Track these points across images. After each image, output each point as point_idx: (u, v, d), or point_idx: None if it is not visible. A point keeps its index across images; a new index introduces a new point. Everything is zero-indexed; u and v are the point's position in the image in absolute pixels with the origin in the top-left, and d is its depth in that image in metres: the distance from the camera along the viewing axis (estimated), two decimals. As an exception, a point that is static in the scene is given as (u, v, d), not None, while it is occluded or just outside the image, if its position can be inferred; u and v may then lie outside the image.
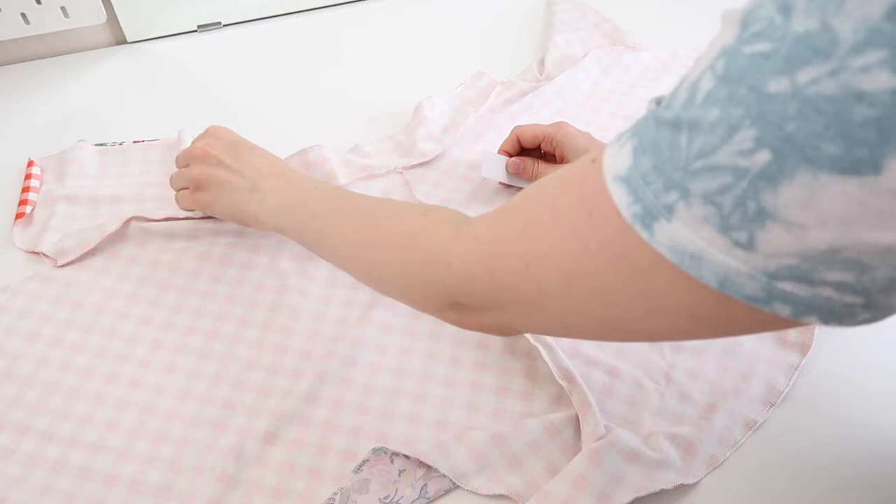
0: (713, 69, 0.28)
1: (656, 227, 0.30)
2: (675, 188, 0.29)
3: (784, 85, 0.25)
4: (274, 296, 0.61)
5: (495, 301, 0.40)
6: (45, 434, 0.53)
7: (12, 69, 0.83)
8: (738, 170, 0.27)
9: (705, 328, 0.33)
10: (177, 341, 0.58)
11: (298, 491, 0.50)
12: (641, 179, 0.30)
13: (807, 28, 0.25)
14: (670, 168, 0.29)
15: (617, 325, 0.36)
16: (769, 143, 0.26)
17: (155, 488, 0.50)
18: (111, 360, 0.57)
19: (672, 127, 0.30)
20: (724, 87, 0.28)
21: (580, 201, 0.34)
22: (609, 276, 0.33)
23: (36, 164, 0.71)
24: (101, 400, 0.55)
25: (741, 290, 0.29)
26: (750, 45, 0.27)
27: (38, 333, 0.58)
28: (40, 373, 0.56)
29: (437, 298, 0.44)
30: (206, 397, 0.55)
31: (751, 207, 0.27)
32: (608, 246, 0.33)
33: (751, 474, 0.51)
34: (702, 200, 0.28)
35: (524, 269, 0.37)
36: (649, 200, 0.30)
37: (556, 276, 0.35)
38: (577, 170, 0.36)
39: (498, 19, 0.91)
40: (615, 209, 0.32)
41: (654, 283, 0.32)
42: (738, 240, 0.28)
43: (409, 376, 0.56)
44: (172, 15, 0.87)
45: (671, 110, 0.30)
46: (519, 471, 0.50)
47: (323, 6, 0.92)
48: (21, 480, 0.50)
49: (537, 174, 0.67)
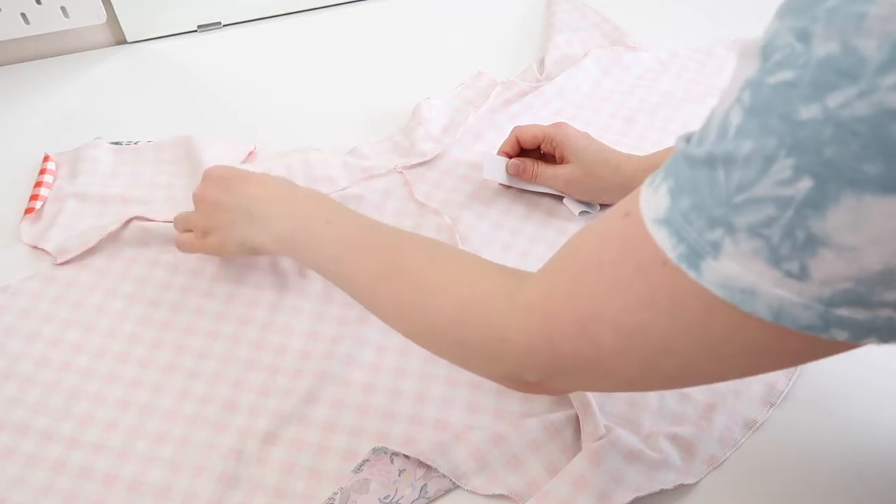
0: (740, 102, 0.28)
1: (703, 266, 0.30)
2: (718, 224, 0.29)
3: (815, 111, 0.25)
4: (274, 296, 0.61)
5: (558, 368, 0.39)
6: (45, 434, 0.53)
7: (12, 69, 0.83)
8: (782, 200, 0.27)
9: (766, 363, 0.33)
10: (177, 341, 0.58)
11: (298, 491, 0.50)
12: (683, 219, 0.30)
13: (828, 52, 0.25)
14: (711, 205, 0.29)
15: (681, 374, 0.35)
16: (809, 170, 0.26)
17: (155, 488, 0.50)
18: (111, 360, 0.57)
19: (707, 164, 0.29)
20: (754, 119, 0.28)
21: (625, 255, 0.34)
22: (665, 325, 0.33)
23: (52, 159, 0.71)
24: (101, 400, 0.55)
25: (797, 321, 0.28)
26: (773, 76, 0.27)
27: (39, 333, 0.59)
28: (41, 373, 0.56)
29: (499, 371, 0.43)
30: (206, 397, 0.55)
31: (799, 236, 0.27)
32: (660, 294, 0.32)
33: (751, 474, 0.51)
34: (748, 234, 0.28)
35: (581, 332, 0.36)
36: (693, 240, 0.30)
37: (612, 334, 0.35)
38: (612, 224, 0.35)
39: (498, 19, 0.91)
40: (661, 255, 0.31)
41: (710, 325, 0.31)
42: (790, 270, 0.27)
43: (409, 376, 0.56)
44: (172, 15, 0.87)
45: (703, 147, 0.30)
46: (519, 471, 0.50)
47: (323, 6, 0.92)
48: (21, 480, 0.50)
49: (537, 175, 0.67)
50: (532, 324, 0.38)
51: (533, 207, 0.68)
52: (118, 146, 0.73)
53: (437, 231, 0.66)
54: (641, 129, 0.76)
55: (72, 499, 0.49)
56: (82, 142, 0.75)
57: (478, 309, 0.42)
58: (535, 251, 0.65)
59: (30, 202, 0.67)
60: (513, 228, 0.67)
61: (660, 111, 0.78)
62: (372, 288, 0.48)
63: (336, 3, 0.93)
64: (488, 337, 0.41)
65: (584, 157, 0.65)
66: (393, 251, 0.48)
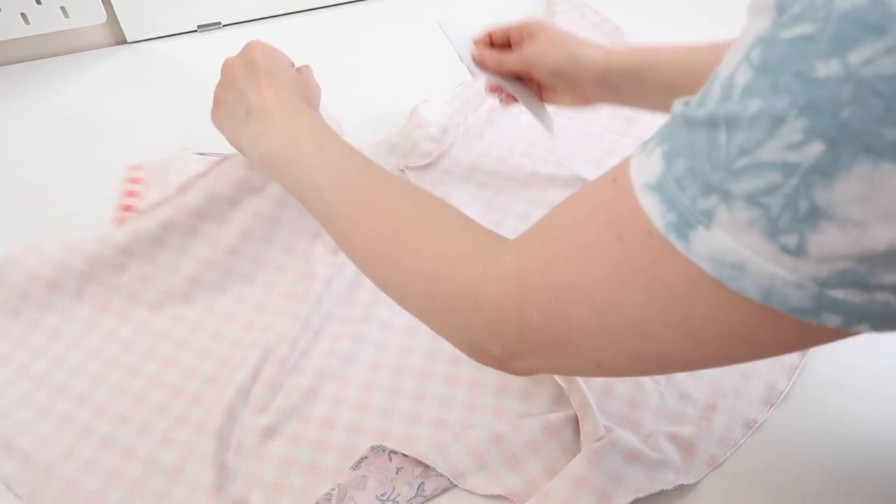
0: (749, 60, 0.26)
1: (693, 236, 0.28)
2: (714, 191, 0.27)
3: (834, 68, 0.23)
4: (275, 296, 0.61)
5: (525, 343, 0.36)
6: (79, 398, 0.54)
7: (12, 69, 0.83)
8: (788, 165, 0.25)
9: (749, 351, 0.31)
10: (216, 328, 0.59)
11: (296, 486, 0.50)
12: (676, 185, 0.28)
13: (854, 4, 0.23)
14: (709, 169, 0.27)
15: (655, 358, 0.33)
16: (822, 133, 0.24)
17: (168, 469, 0.50)
18: (152, 336, 0.58)
19: (707, 125, 0.27)
20: (764, 77, 0.25)
21: (608, 224, 0.31)
22: (644, 303, 0.30)
23: (142, 168, 0.71)
24: (136, 373, 0.56)
25: (787, 300, 0.27)
26: (789, 29, 0.25)
27: (84, 295, 0.59)
28: (86, 337, 0.58)
29: (464, 337, 0.40)
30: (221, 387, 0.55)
31: (802, 207, 0.25)
32: (642, 269, 0.30)
33: (751, 474, 0.51)
34: (746, 203, 0.26)
35: (553, 304, 0.34)
36: (685, 207, 0.28)
37: (586, 308, 0.32)
38: (598, 190, 0.33)
39: (498, 19, 0.91)
40: (647, 225, 0.29)
41: (692, 304, 0.29)
42: (787, 245, 0.26)
43: (409, 374, 0.56)
44: (172, 15, 0.87)
45: (704, 108, 0.28)
46: (518, 471, 0.50)
47: (323, 6, 0.93)
48: (50, 440, 0.52)
49: (503, 63, 0.63)
50: (504, 291, 0.36)
51: (533, 207, 0.68)
52: (205, 157, 0.72)
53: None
54: (641, 129, 0.76)
55: (91, 466, 0.50)
56: (82, 142, 0.75)
57: (452, 267, 0.39)
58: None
59: (121, 212, 0.67)
60: (513, 228, 0.67)
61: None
62: (350, 226, 0.46)
63: (336, 3, 0.93)
64: (457, 297, 0.39)
65: (551, 31, 0.62)
66: (379, 192, 0.45)
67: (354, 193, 0.46)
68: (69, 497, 0.49)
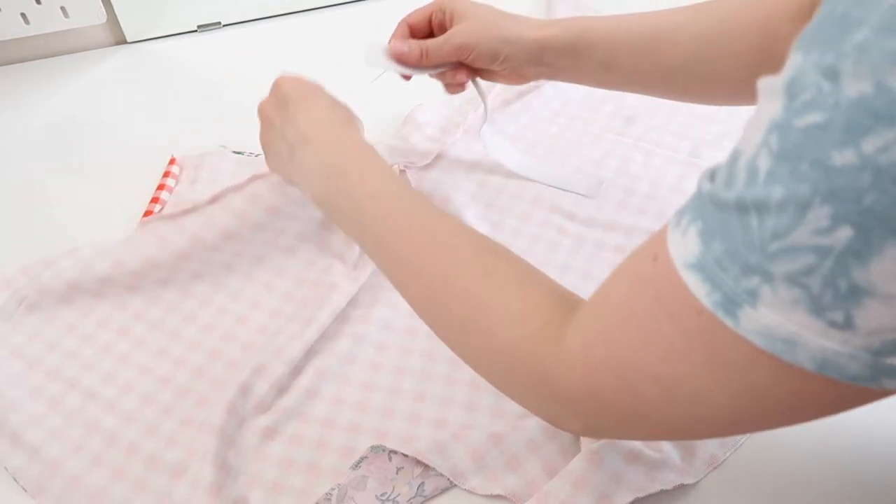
0: (768, 146, 0.27)
1: (741, 313, 0.28)
2: (754, 272, 0.27)
3: (850, 157, 0.24)
4: (277, 297, 0.62)
5: (599, 418, 0.38)
6: (89, 392, 0.55)
7: (12, 69, 0.83)
8: (820, 249, 0.25)
9: (815, 411, 0.31)
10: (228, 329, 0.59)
11: (296, 486, 0.50)
12: (716, 265, 0.29)
13: (861, 92, 0.24)
14: (745, 252, 0.27)
15: (727, 424, 0.34)
16: (848, 218, 0.24)
17: (171, 467, 0.51)
18: (165, 334, 0.59)
19: (737, 209, 0.28)
20: (784, 165, 0.26)
21: (657, 303, 0.32)
22: (705, 376, 0.31)
23: (176, 162, 0.71)
24: (146, 372, 0.56)
25: (843, 371, 0.27)
26: (801, 117, 0.26)
27: (104, 294, 0.60)
28: (99, 333, 0.58)
29: (540, 411, 0.41)
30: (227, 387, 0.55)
31: (842, 286, 0.25)
32: (697, 346, 0.30)
33: (751, 474, 0.51)
34: (787, 283, 0.26)
35: (621, 384, 0.34)
36: (728, 287, 0.28)
37: (652, 384, 0.33)
38: (640, 269, 0.34)
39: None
40: (695, 304, 0.30)
41: (751, 376, 0.30)
42: (835, 320, 0.26)
43: (409, 375, 0.56)
44: (172, 15, 0.87)
45: (732, 191, 0.28)
46: (517, 471, 0.50)
47: (323, 6, 0.93)
48: (59, 433, 0.52)
49: (427, 51, 0.59)
50: (573, 374, 0.37)
51: (533, 207, 0.68)
52: (240, 157, 0.72)
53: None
54: (641, 129, 0.76)
55: (97, 461, 0.51)
56: (82, 142, 0.75)
57: (526, 352, 0.39)
58: (536, 251, 0.65)
59: (150, 204, 0.67)
60: (513, 228, 0.67)
61: (659, 111, 0.78)
62: (415, 289, 0.46)
63: (336, 3, 0.93)
64: (533, 381, 0.40)
65: (475, 10, 0.58)
66: (443, 252, 0.45)
67: (416, 254, 0.46)
68: (74, 492, 0.49)
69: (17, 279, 0.61)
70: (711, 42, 0.54)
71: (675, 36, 0.55)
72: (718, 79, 0.56)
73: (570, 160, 0.73)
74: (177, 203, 0.68)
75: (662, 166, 0.72)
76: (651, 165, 0.72)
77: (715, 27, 0.54)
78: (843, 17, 0.25)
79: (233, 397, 0.53)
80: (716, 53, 0.54)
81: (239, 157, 0.72)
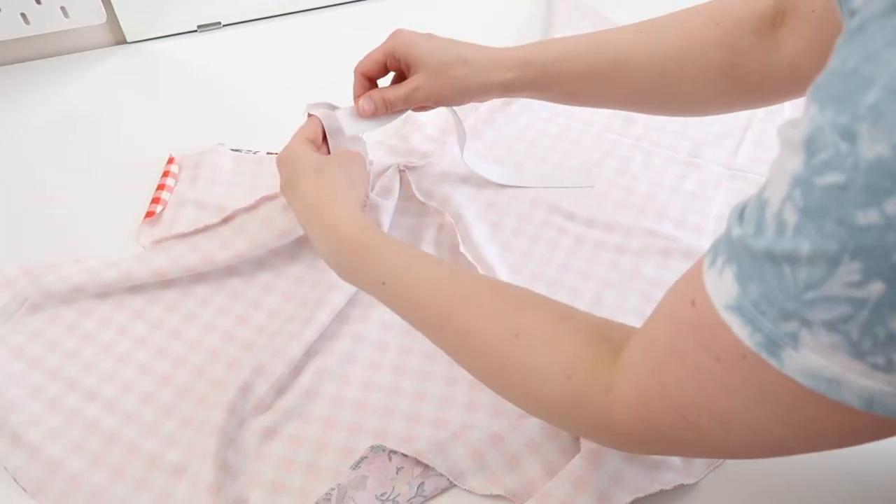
0: (792, 200, 0.27)
1: (784, 355, 0.29)
2: (792, 317, 0.28)
3: (874, 217, 0.24)
4: (277, 298, 0.62)
5: (659, 447, 0.40)
6: (89, 393, 0.55)
7: (12, 69, 0.83)
8: (855, 300, 0.26)
9: (868, 438, 0.32)
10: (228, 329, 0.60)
11: (296, 486, 0.50)
12: (754, 308, 0.29)
13: (878, 155, 0.24)
14: (782, 298, 0.28)
15: (785, 450, 0.35)
16: (879, 274, 0.25)
17: (172, 467, 0.51)
18: (165, 334, 0.59)
19: (769, 259, 0.28)
20: (810, 222, 0.26)
21: (702, 347, 0.33)
22: (758, 410, 0.32)
23: (175, 161, 0.71)
24: (146, 372, 0.56)
25: (890, 408, 0.28)
26: (821, 176, 0.26)
27: (105, 294, 0.60)
28: (101, 332, 0.59)
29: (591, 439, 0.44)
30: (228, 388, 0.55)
31: (880, 333, 0.26)
32: (747, 385, 0.31)
33: (751, 474, 0.51)
34: (825, 329, 0.27)
35: (681, 420, 0.36)
36: (769, 330, 0.29)
37: (711, 420, 0.34)
38: (680, 312, 0.35)
39: (498, 19, 0.91)
40: (740, 347, 0.30)
41: (800, 412, 0.30)
42: (876, 363, 0.26)
43: (409, 374, 0.56)
44: (172, 15, 0.87)
45: (762, 241, 0.29)
46: (517, 471, 0.50)
47: (323, 6, 0.93)
48: (59, 433, 0.52)
49: (389, 101, 0.59)
50: (632, 416, 0.38)
51: (533, 207, 0.68)
52: (238, 154, 0.72)
53: (438, 230, 0.66)
54: (641, 129, 0.76)
55: (97, 461, 0.51)
56: (82, 142, 0.75)
57: (578, 405, 0.40)
58: (536, 251, 0.65)
59: (151, 205, 0.67)
60: (513, 228, 0.67)
61: (660, 111, 0.78)
62: (451, 354, 0.47)
63: (336, 3, 0.93)
64: (587, 426, 0.41)
65: (431, 59, 0.57)
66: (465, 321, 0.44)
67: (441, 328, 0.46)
68: (74, 491, 0.49)
69: (19, 280, 0.61)
70: (675, 63, 0.55)
71: (639, 61, 0.55)
72: (686, 97, 0.57)
73: (570, 160, 0.73)
74: (178, 203, 0.68)
75: (662, 166, 0.72)
76: (651, 165, 0.72)
77: (677, 48, 0.54)
78: (854, 73, 0.25)
79: (233, 397, 0.53)
80: (681, 75, 0.55)
81: (237, 154, 0.72)
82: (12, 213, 0.68)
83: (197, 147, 0.73)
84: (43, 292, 0.59)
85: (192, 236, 0.64)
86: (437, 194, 0.69)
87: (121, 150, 0.75)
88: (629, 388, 0.38)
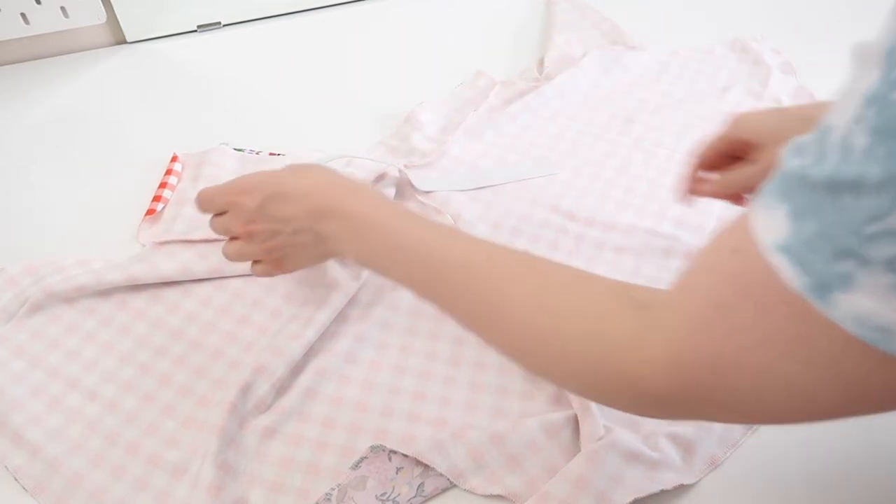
0: (865, 120, 0.25)
1: (832, 298, 0.27)
2: (849, 255, 0.26)
3: None
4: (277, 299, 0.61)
5: (686, 408, 0.37)
6: (90, 392, 0.55)
7: (12, 69, 0.83)
8: None
9: None
10: (230, 329, 0.60)
11: (296, 486, 0.50)
12: (806, 247, 0.27)
13: None
14: (840, 233, 0.26)
15: (822, 412, 0.32)
16: None
17: (172, 467, 0.51)
18: (165, 334, 0.59)
19: (829, 188, 0.26)
20: (882, 143, 0.24)
21: (742, 293, 0.31)
22: (798, 363, 0.30)
23: (179, 159, 0.71)
24: (146, 371, 0.56)
25: None
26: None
27: (106, 294, 0.60)
28: (101, 332, 0.58)
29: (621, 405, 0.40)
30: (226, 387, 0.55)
31: None
32: (788, 335, 0.29)
33: (751, 474, 0.51)
34: (885, 268, 0.25)
35: (713, 377, 0.33)
36: (820, 270, 0.27)
37: (742, 375, 0.32)
38: (720, 261, 0.33)
39: (498, 19, 0.91)
40: (784, 293, 0.28)
41: (843, 365, 0.28)
42: None
43: (409, 374, 0.56)
44: (172, 15, 0.87)
45: (823, 168, 0.27)
46: (517, 471, 0.50)
47: (323, 6, 0.93)
48: (59, 433, 0.52)
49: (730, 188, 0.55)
50: (662, 375, 0.36)
51: (533, 207, 0.68)
52: (241, 153, 0.72)
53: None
54: (641, 129, 0.76)
55: (97, 460, 0.51)
56: (81, 142, 0.75)
57: (606, 365, 0.38)
58: (536, 251, 0.64)
59: (152, 203, 0.67)
60: (513, 228, 0.67)
61: (660, 111, 0.78)
62: (476, 328, 0.44)
63: (336, 3, 0.93)
64: (617, 388, 0.39)
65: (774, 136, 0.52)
66: (488, 292, 0.42)
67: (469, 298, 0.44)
68: (74, 490, 0.49)
69: (22, 278, 0.61)
70: None
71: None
72: None
73: (570, 160, 0.73)
74: (179, 201, 0.68)
75: (662, 166, 0.72)
76: (651, 165, 0.72)
77: None
78: None
79: (233, 397, 0.53)
80: None
81: (241, 154, 0.72)
82: (13, 213, 0.68)
83: (196, 147, 0.73)
84: (45, 292, 0.59)
85: (200, 244, 0.63)
86: (436, 194, 0.69)
87: (120, 150, 0.75)
88: (658, 345, 0.36)
